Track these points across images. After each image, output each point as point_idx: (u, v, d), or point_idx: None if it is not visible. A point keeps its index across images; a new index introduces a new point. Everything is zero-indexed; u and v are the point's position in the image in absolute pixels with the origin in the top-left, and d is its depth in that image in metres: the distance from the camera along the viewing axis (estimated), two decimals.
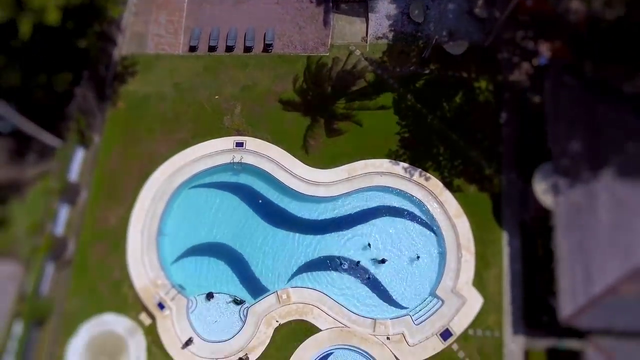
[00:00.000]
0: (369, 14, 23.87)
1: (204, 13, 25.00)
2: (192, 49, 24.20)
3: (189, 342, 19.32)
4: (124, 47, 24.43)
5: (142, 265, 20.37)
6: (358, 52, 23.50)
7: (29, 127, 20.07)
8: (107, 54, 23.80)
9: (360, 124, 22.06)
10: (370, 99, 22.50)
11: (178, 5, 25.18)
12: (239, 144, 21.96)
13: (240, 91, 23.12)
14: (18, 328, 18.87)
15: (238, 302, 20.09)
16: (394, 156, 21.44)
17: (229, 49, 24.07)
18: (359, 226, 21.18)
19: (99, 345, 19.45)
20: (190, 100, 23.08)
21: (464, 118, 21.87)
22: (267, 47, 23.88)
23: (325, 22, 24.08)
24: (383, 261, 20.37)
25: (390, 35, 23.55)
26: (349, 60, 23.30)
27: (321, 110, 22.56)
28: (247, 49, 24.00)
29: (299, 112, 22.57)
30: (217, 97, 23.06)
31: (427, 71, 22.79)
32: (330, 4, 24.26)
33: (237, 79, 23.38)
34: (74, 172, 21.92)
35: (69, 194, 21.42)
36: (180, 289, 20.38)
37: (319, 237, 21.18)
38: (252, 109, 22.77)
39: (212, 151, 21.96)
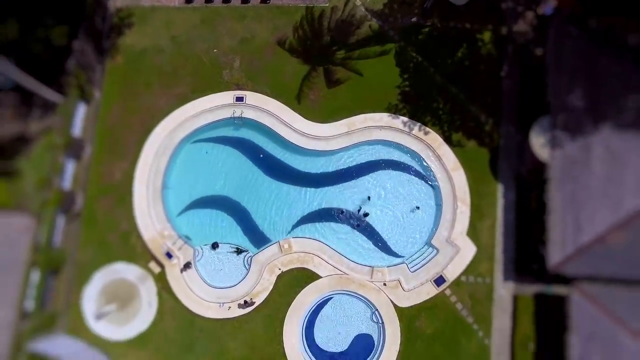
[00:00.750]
0: None
1: None
2: (188, 0, 23.62)
3: (187, 265, 20.51)
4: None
5: (148, 217, 21.18)
6: (358, 2, 22.90)
7: (30, 83, 20.15)
8: (103, 6, 23.29)
9: (360, 73, 21.88)
10: (370, 48, 22.22)
11: None
12: (239, 99, 22.03)
13: (239, 44, 22.83)
14: (35, 276, 20.00)
15: (240, 251, 21.04)
16: (394, 110, 21.51)
17: (226, 0, 23.50)
18: (359, 179, 21.68)
19: (111, 291, 20.68)
20: (188, 54, 22.88)
21: (465, 71, 21.68)
22: None
23: None
24: (366, 215, 21.12)
25: None
26: (348, 10, 22.76)
27: (320, 60, 22.29)
28: (245, 0, 23.40)
29: (298, 62, 22.33)
30: (215, 50, 22.81)
31: (428, 23, 22.31)
32: None
33: (235, 32, 23.00)
34: (77, 127, 22.23)
35: (74, 149, 21.85)
36: (187, 239, 21.31)
37: (319, 189, 21.77)
38: (251, 62, 22.59)
39: (212, 106, 22.09)
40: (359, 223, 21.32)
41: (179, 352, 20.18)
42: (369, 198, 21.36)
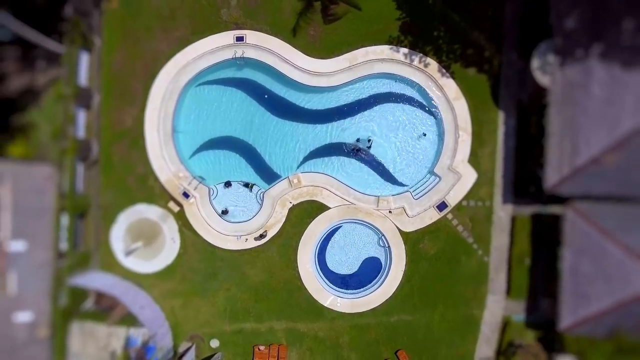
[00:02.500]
0: None
1: None
2: None
3: (225, 211, 22.05)
4: None
5: (162, 160, 22.19)
6: None
7: (30, 34, 20.19)
8: None
9: (359, 6, 21.51)
10: None
11: None
12: (239, 38, 21.94)
13: None
14: (65, 220, 21.53)
15: (249, 185, 22.26)
16: (395, 42, 21.37)
17: None
18: (362, 113, 22.20)
19: (137, 230, 22.31)
20: None
21: None
22: None
23: None
24: (369, 146, 21.97)
25: None
26: None
27: None
28: None
29: None
30: None
31: None
32: None
33: None
34: (83, 76, 22.55)
35: (83, 98, 22.37)
36: (201, 179, 22.46)
37: (324, 125, 22.40)
38: None
39: (213, 47, 22.07)
40: (364, 155, 22.18)
41: (203, 280, 22.20)
42: (371, 133, 22.03)
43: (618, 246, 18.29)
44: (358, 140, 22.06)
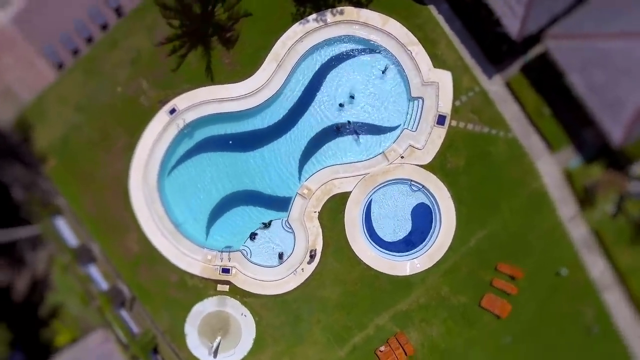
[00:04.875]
0: None
1: (39, 26, 22.48)
2: (60, 66, 22.43)
3: (281, 256, 21.67)
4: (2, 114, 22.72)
5: (185, 257, 21.76)
6: None
7: (2, 235, 20.05)
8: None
9: (248, 12, 21.21)
10: None
11: (12, 36, 22.61)
12: (172, 111, 21.58)
13: (132, 67, 21.90)
14: None
15: (267, 225, 21.91)
16: (300, 16, 20.96)
17: (89, 40, 22.23)
18: (320, 93, 21.73)
19: (207, 329, 21.85)
20: (101, 110, 22.00)
21: None
22: (118, 12, 21.99)
23: None
24: (353, 97, 21.53)
25: None
26: None
27: (208, 27, 21.47)
28: (103, 27, 22.14)
29: (192, 44, 21.59)
30: (119, 89, 22.01)
31: None
32: None
33: (120, 59, 21.94)
34: (70, 237, 22.27)
35: (83, 255, 22.08)
36: (228, 249, 22.01)
37: (294, 128, 21.96)
38: (154, 74, 21.80)
39: (157, 133, 21.70)
40: (349, 127, 21.64)
41: (292, 328, 21.64)
42: (338, 106, 21.54)
43: (613, 38, 17.60)
44: (338, 128, 21.61)
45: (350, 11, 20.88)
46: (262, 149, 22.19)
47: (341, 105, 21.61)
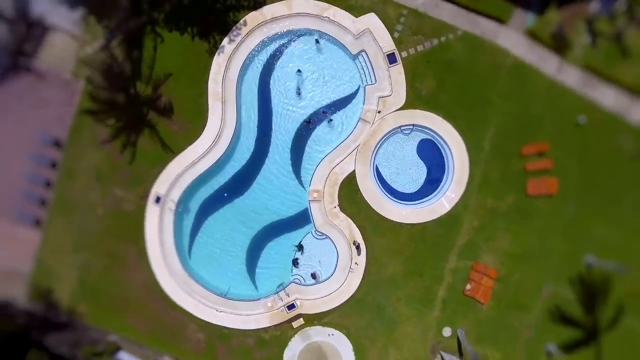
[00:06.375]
0: None
1: None
2: (37, 222, 22.07)
3: (314, 276, 21.47)
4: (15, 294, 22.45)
5: (249, 317, 21.33)
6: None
7: None
8: None
9: (169, 73, 21.00)
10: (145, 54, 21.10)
11: None
12: (157, 199, 21.32)
13: (99, 183, 21.61)
14: None
15: (299, 246, 21.61)
16: (213, 48, 20.73)
17: (48, 185, 21.93)
18: (275, 96, 21.42)
19: None
20: (96, 238, 21.79)
21: None
22: (57, 145, 21.76)
23: None
24: (300, 71, 21.28)
25: None
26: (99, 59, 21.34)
27: (140, 109, 21.32)
28: (53, 165, 21.85)
29: (137, 132, 21.36)
30: (99, 210, 21.72)
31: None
32: None
33: (85, 183, 21.68)
34: None
35: None
36: (282, 287, 21.56)
37: (272, 142, 21.66)
38: (121, 177, 21.55)
39: (157, 226, 21.46)
40: (317, 116, 21.37)
41: (380, 319, 21.11)
42: (298, 92, 21.33)
43: None
44: (309, 121, 21.43)
45: (253, 16, 20.64)
46: (256, 182, 21.86)
47: (298, 92, 21.31)
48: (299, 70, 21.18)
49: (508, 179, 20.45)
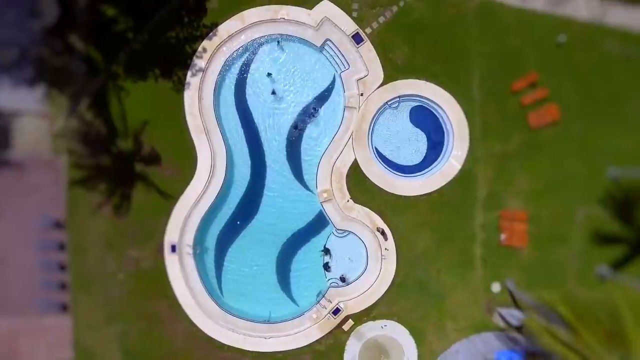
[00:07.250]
0: None
1: (17, 297, 21.84)
2: (64, 308, 21.63)
3: (342, 279, 21.16)
4: None
5: (298, 334, 20.91)
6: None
7: None
8: None
9: (144, 121, 20.62)
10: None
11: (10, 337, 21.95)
12: (173, 248, 20.93)
13: (112, 250, 21.22)
14: None
15: (325, 251, 21.26)
16: (179, 85, 20.38)
17: (62, 268, 21.52)
18: (255, 108, 21.13)
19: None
20: (126, 303, 21.29)
21: None
22: (58, 225, 21.37)
23: None
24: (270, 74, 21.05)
25: None
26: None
27: (130, 167, 20.92)
28: (61, 247, 21.46)
29: (131, 188, 21.01)
30: (120, 276, 21.34)
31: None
32: None
33: (99, 253, 21.26)
34: None
35: None
36: (321, 295, 21.14)
37: (267, 155, 21.37)
38: (131, 236, 21.13)
39: (181, 275, 21.03)
40: (305, 118, 21.10)
41: (426, 296, 20.56)
42: (273, 92, 21.00)
43: None
44: (296, 126, 21.17)
45: (210, 43, 20.30)
46: (263, 201, 21.48)
47: (273, 92, 20.99)
48: (269, 74, 20.84)
49: (508, 119, 20.03)
